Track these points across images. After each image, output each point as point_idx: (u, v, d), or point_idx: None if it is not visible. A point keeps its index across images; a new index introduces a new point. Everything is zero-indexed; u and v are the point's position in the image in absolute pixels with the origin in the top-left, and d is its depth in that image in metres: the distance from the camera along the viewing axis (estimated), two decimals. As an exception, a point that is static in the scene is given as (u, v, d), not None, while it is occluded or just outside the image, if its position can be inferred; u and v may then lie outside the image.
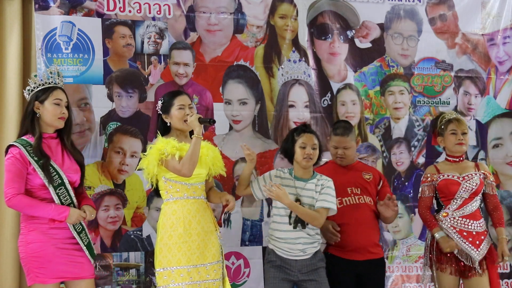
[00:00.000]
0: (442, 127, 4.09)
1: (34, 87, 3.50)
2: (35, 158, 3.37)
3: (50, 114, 3.47)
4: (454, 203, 3.99)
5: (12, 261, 4.18)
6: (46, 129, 3.50)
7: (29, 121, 3.47)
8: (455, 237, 3.94)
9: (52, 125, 3.50)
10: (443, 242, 3.94)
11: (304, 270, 3.66)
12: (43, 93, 3.48)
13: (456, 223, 3.97)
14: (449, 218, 3.98)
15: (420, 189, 4.16)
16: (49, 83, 3.51)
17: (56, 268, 3.37)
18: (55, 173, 3.41)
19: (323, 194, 3.70)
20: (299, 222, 3.64)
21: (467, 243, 3.93)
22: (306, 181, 3.73)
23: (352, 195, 3.96)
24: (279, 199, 3.62)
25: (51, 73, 3.54)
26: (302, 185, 3.71)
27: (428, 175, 4.10)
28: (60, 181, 3.42)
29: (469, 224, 3.96)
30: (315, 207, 3.68)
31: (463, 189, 3.98)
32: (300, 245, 3.66)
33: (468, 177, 4.02)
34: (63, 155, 3.51)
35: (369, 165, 4.46)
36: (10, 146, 3.44)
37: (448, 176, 4.03)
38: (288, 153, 3.78)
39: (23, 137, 3.46)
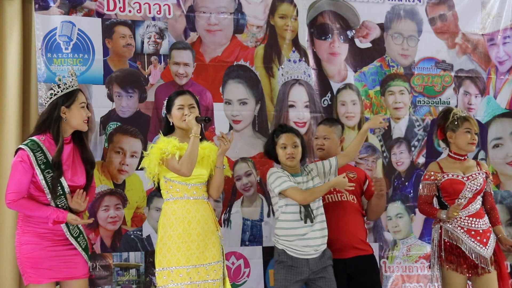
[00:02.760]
0: (456, 123, 4.04)
1: (57, 91, 3.46)
2: (42, 167, 3.36)
3: (78, 118, 3.47)
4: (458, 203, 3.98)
5: (12, 261, 4.17)
6: (66, 132, 3.48)
7: (57, 127, 3.42)
8: (464, 237, 3.93)
9: (78, 128, 3.50)
10: (451, 212, 3.88)
11: (315, 269, 3.67)
12: (69, 98, 3.45)
13: (463, 223, 3.96)
14: (456, 218, 3.97)
15: (420, 186, 4.14)
16: (72, 86, 3.49)
17: (49, 269, 3.38)
18: (59, 186, 3.41)
19: (325, 166, 3.86)
20: (307, 217, 3.66)
21: (475, 242, 3.92)
22: (301, 175, 3.79)
23: (335, 192, 3.97)
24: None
25: (71, 75, 3.52)
26: (300, 180, 3.76)
27: (432, 173, 4.07)
28: (61, 191, 3.42)
29: (476, 222, 3.96)
30: (332, 165, 3.86)
31: (467, 189, 3.97)
32: (310, 240, 3.66)
33: (473, 176, 4.01)
34: (73, 160, 3.51)
35: (355, 166, 4.48)
36: (19, 148, 3.42)
37: (453, 175, 4.02)
38: (272, 155, 3.81)
39: (34, 138, 3.42)
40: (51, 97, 3.47)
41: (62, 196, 3.42)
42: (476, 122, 4.14)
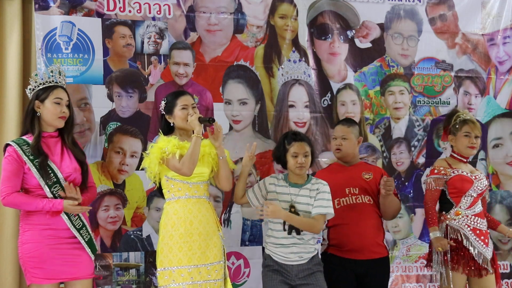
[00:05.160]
0: (457, 126, 4.06)
1: (35, 86, 3.50)
2: (31, 157, 3.38)
3: (50, 113, 3.47)
4: (464, 201, 3.99)
5: (12, 261, 4.18)
6: (46, 128, 3.50)
7: (29, 120, 3.48)
8: (470, 236, 3.94)
9: (52, 124, 3.50)
10: (436, 241, 3.94)
11: (301, 275, 3.64)
12: (44, 92, 3.47)
13: (470, 221, 3.97)
14: (463, 217, 3.98)
15: (427, 181, 4.09)
16: (50, 82, 3.51)
17: (52, 268, 3.36)
18: (50, 171, 3.41)
19: (318, 200, 3.66)
20: (293, 229, 3.62)
21: (479, 241, 3.94)
22: (300, 186, 3.70)
23: (350, 195, 3.94)
24: (274, 216, 3.60)
25: (51, 72, 3.54)
26: (296, 192, 3.69)
27: (441, 168, 4.05)
28: (55, 179, 3.41)
29: (480, 222, 3.99)
30: (312, 213, 3.64)
31: (474, 188, 3.99)
32: (295, 247, 3.64)
33: (479, 177, 4.04)
34: (62, 154, 3.50)
35: (372, 165, 4.40)
36: (7, 145, 3.45)
37: (462, 172, 4.02)
38: (281, 161, 3.76)
39: (22, 137, 3.48)
40: (30, 93, 3.52)
41: (57, 185, 3.41)
42: (479, 125, 4.11)
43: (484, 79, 5.11)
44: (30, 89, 3.52)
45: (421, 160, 4.94)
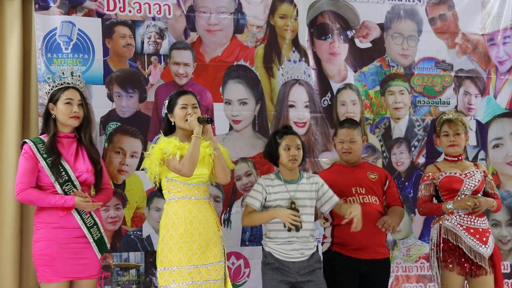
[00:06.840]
0: (438, 128, 4.12)
1: (49, 89, 3.63)
2: (44, 156, 3.47)
3: (62, 113, 3.57)
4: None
5: (12, 261, 4.17)
6: (62, 128, 3.61)
7: (44, 121, 3.63)
8: (463, 234, 3.94)
9: (66, 124, 3.60)
10: (460, 204, 3.92)
11: (302, 272, 3.66)
12: (56, 94, 3.60)
13: (462, 220, 3.97)
14: (455, 216, 3.98)
15: (419, 188, 4.15)
16: (62, 84, 3.61)
17: (61, 267, 3.44)
18: (62, 170, 3.49)
19: (326, 194, 3.77)
20: (293, 225, 3.63)
21: (475, 240, 3.93)
22: (297, 182, 3.74)
23: (357, 194, 3.95)
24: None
25: (63, 73, 3.65)
26: (294, 188, 3.71)
27: (430, 174, 4.10)
28: (66, 177, 3.49)
29: (475, 221, 3.97)
30: (325, 209, 3.77)
31: (466, 186, 3.99)
32: (296, 244, 3.66)
33: (470, 174, 4.04)
34: (77, 154, 3.59)
35: (376, 165, 4.45)
36: (24, 143, 3.57)
37: (450, 173, 4.04)
38: (273, 157, 3.79)
39: (39, 136, 3.60)
40: (47, 96, 3.65)
41: (69, 183, 3.49)
42: (459, 121, 4.08)
43: (484, 79, 5.11)
44: (46, 92, 3.66)
45: (421, 160, 4.94)
